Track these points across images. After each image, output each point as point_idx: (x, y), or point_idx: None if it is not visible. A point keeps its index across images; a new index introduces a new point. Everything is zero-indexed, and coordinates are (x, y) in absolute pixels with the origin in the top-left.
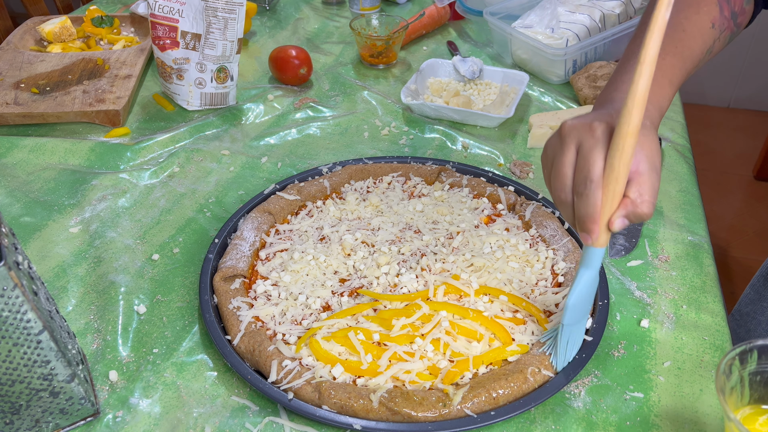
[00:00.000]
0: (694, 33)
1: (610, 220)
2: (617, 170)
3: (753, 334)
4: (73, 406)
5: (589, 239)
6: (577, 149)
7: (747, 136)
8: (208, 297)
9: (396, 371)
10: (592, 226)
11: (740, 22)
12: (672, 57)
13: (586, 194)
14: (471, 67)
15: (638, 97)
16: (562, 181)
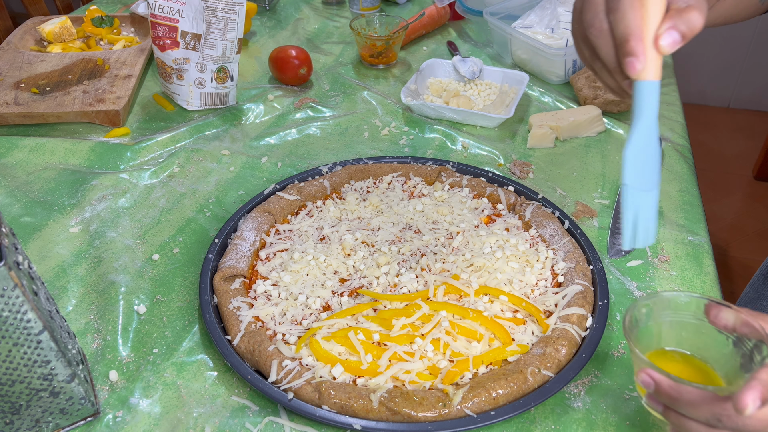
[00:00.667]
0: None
1: (657, 36)
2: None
3: None
4: (73, 406)
5: (636, 64)
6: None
7: (747, 136)
8: (208, 297)
9: (396, 371)
10: (636, 44)
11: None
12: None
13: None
14: (471, 67)
15: None
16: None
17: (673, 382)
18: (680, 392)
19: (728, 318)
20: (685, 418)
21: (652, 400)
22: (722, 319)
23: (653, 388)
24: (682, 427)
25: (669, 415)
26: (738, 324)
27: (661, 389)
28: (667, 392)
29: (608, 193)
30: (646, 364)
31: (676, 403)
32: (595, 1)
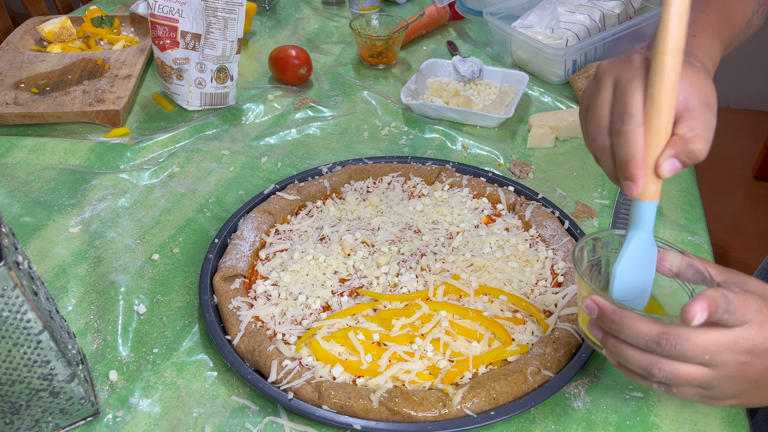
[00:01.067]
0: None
1: (657, 163)
2: (658, 100)
3: None
4: (73, 406)
5: (633, 188)
6: (614, 86)
7: (747, 136)
8: (208, 297)
9: (396, 371)
10: (635, 170)
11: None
12: (715, 14)
13: (625, 131)
14: (471, 67)
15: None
16: (598, 122)
17: (616, 307)
18: (622, 317)
19: (673, 261)
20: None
21: (593, 326)
22: (667, 262)
23: (596, 313)
24: (619, 354)
25: (607, 341)
26: (683, 267)
27: (604, 314)
28: (610, 317)
29: (608, 193)
30: (592, 290)
31: (617, 327)
32: (599, 116)
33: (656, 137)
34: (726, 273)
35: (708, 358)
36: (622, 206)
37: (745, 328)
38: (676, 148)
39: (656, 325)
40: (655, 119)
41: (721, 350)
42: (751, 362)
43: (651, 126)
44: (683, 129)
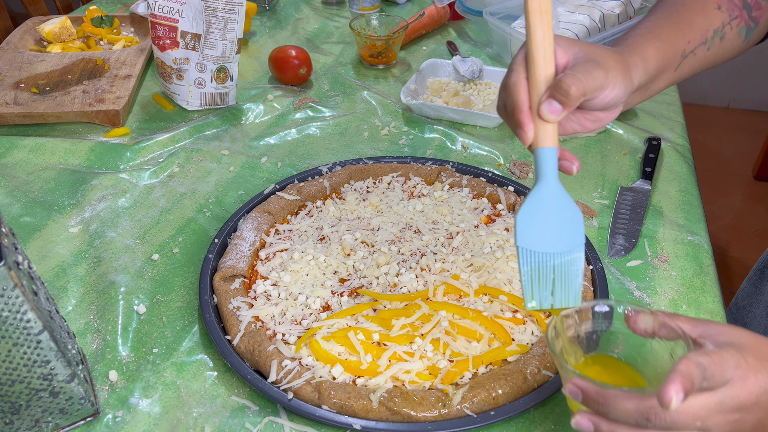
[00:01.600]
0: (695, 8)
1: (539, 106)
2: (533, 52)
3: (750, 327)
4: (73, 406)
5: (524, 134)
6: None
7: (747, 136)
8: (208, 297)
9: (396, 371)
10: (520, 116)
11: (756, 17)
12: (665, 21)
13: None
14: (471, 67)
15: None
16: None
17: (598, 388)
18: (606, 397)
19: (646, 322)
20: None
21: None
22: (641, 323)
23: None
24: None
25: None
26: (656, 327)
27: (588, 397)
28: (595, 399)
29: (608, 193)
30: (571, 373)
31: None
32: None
33: (535, 86)
34: (699, 325)
35: (699, 423)
36: (621, 206)
37: (728, 387)
38: (551, 88)
39: (642, 401)
40: (532, 70)
41: (710, 414)
42: (741, 419)
43: (530, 76)
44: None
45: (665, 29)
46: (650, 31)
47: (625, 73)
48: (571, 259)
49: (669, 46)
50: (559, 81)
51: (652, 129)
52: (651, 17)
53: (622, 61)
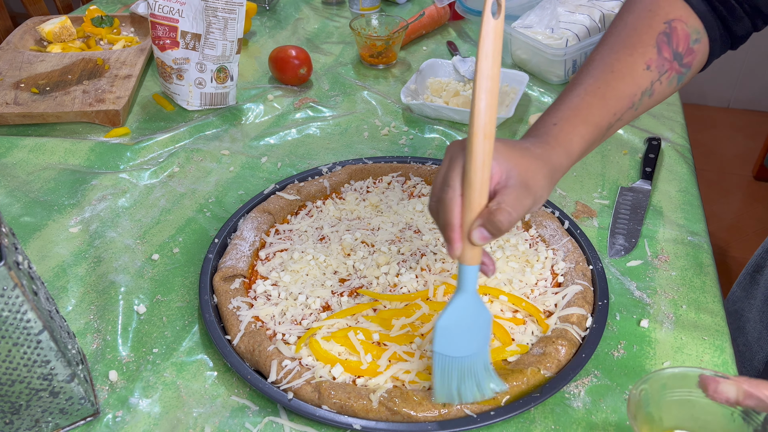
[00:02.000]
0: (623, 73)
1: (470, 231)
2: (470, 176)
3: (743, 330)
4: (73, 406)
5: (452, 251)
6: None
7: (747, 136)
8: (208, 297)
9: (396, 371)
10: (451, 234)
11: (688, 62)
12: (592, 97)
13: (444, 200)
14: (471, 67)
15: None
16: (432, 190)
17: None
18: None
19: (729, 391)
20: None
21: None
22: (723, 393)
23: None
24: None
25: None
26: (741, 397)
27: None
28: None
29: (608, 193)
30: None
31: None
32: (433, 185)
33: (469, 208)
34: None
35: None
36: (621, 206)
37: None
38: (483, 218)
39: None
40: (468, 192)
41: None
42: None
43: (465, 198)
44: (493, 203)
45: (593, 109)
46: (576, 114)
47: (551, 183)
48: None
49: (595, 127)
50: (492, 214)
51: (652, 129)
52: (578, 90)
53: (550, 172)
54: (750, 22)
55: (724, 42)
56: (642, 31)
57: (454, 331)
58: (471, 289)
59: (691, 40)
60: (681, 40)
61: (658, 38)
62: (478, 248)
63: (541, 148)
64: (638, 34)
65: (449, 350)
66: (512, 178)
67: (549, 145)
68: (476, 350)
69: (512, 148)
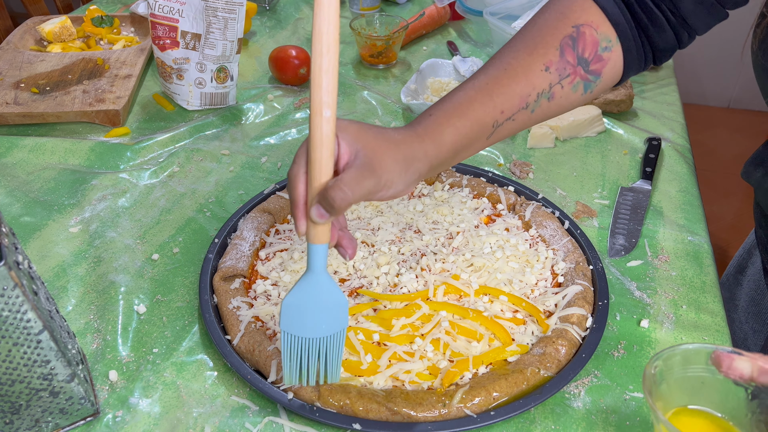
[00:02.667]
0: (517, 72)
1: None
2: (310, 152)
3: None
4: (73, 405)
5: (296, 228)
6: None
7: (747, 136)
8: (208, 297)
9: (396, 371)
10: (295, 211)
11: (595, 70)
12: (477, 92)
13: (289, 175)
14: (471, 67)
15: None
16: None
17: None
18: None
19: (743, 368)
20: None
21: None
22: (736, 369)
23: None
24: None
25: None
26: (756, 373)
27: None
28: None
29: (608, 193)
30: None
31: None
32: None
33: (311, 185)
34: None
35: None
36: (622, 206)
37: None
38: (320, 195)
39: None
40: (310, 169)
41: None
42: None
43: (309, 175)
44: (331, 180)
45: (475, 104)
46: (456, 108)
47: (405, 170)
48: (332, 341)
49: (473, 123)
50: (326, 191)
51: (652, 129)
52: (465, 86)
53: (404, 158)
54: (674, 35)
55: (642, 55)
56: (547, 33)
57: (302, 311)
58: (319, 269)
59: (600, 47)
60: (588, 45)
61: (562, 41)
62: (324, 226)
63: (404, 134)
64: (542, 35)
65: (296, 330)
66: (358, 158)
67: (416, 133)
68: (326, 332)
69: (366, 129)
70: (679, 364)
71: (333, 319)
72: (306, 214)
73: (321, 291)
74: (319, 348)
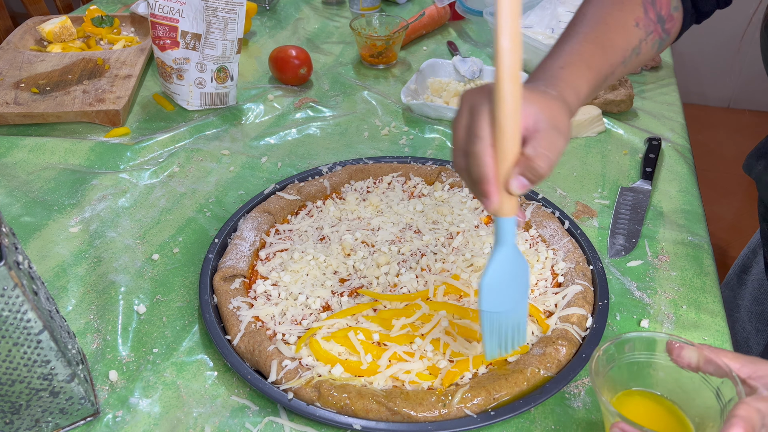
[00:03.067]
0: (616, 27)
1: (507, 181)
2: (502, 123)
3: (732, 331)
4: (73, 405)
5: (490, 204)
6: (469, 112)
7: (747, 136)
8: (208, 297)
9: (396, 371)
10: (487, 187)
11: (668, 29)
12: (592, 45)
13: (475, 152)
14: (471, 67)
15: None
16: (456, 145)
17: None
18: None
19: (691, 356)
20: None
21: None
22: (684, 357)
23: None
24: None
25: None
26: (701, 362)
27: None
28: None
29: (608, 193)
30: (615, 415)
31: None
32: (457, 140)
33: (504, 157)
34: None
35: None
36: (622, 206)
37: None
38: (521, 166)
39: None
40: (501, 140)
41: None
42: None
43: (498, 146)
44: (529, 149)
45: (595, 56)
46: (580, 59)
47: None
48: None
49: (597, 74)
50: (531, 161)
51: (652, 129)
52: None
53: (569, 114)
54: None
55: (692, 16)
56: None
57: (500, 287)
58: (511, 242)
59: (672, 6)
60: (663, 4)
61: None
62: (515, 198)
63: (555, 89)
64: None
65: (495, 306)
66: (541, 121)
67: (560, 87)
68: (518, 300)
69: (532, 91)
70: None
71: (523, 285)
72: (500, 188)
73: (514, 262)
74: (511, 316)
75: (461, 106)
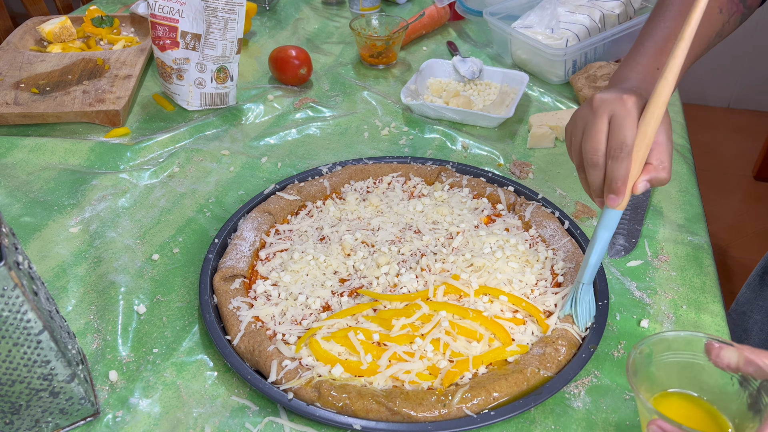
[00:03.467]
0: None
1: (635, 184)
2: (648, 137)
3: (750, 333)
4: (73, 406)
5: (616, 200)
6: (609, 119)
7: (747, 136)
8: (208, 297)
9: (396, 371)
10: (622, 187)
11: (750, 4)
12: None
13: (621, 158)
14: (471, 68)
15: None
16: (594, 145)
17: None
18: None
19: (730, 357)
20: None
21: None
22: (724, 358)
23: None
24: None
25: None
26: (741, 363)
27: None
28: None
29: None
30: (653, 413)
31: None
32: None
33: (638, 164)
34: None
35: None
36: None
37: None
38: (650, 174)
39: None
40: (640, 150)
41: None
42: None
43: (637, 156)
44: (656, 160)
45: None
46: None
47: None
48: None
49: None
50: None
51: None
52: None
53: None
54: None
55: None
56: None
57: (596, 265)
58: (614, 229)
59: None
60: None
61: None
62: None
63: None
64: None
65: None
66: (662, 133)
67: None
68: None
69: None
70: (668, 349)
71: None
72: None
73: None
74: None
75: (599, 111)
